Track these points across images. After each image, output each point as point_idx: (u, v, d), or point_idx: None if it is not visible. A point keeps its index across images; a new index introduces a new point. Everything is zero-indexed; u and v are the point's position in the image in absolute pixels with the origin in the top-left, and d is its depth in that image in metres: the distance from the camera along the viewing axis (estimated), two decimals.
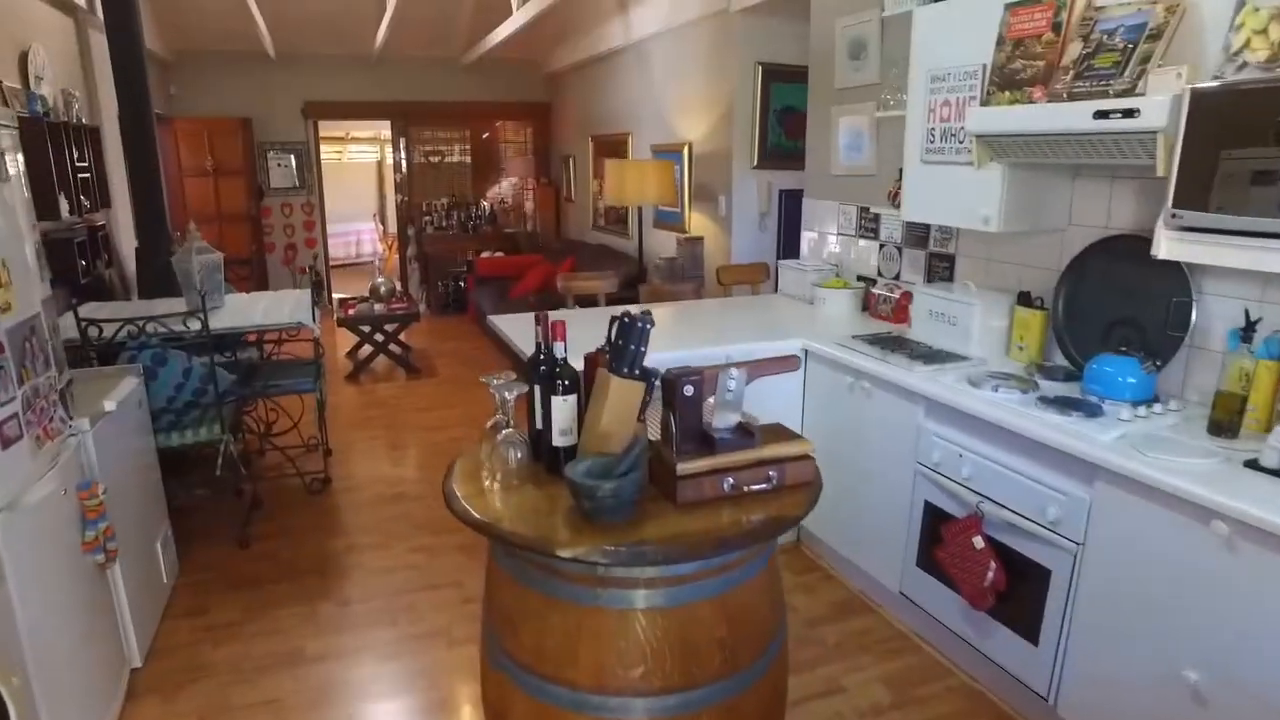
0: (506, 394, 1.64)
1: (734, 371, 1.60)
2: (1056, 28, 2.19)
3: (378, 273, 6.99)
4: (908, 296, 3.53)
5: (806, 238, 4.34)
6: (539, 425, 1.73)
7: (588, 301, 4.15)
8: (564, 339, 1.65)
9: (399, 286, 7.17)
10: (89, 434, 2.53)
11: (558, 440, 1.67)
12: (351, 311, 6.55)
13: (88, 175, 4.86)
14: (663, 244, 6.26)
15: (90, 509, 2.34)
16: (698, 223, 5.85)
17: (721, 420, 1.62)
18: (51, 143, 4.29)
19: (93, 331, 3.34)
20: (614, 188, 5.54)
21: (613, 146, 7.35)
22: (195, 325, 3.44)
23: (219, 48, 8.12)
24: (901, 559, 2.87)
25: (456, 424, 5.33)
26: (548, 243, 9.08)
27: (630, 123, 6.94)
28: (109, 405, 2.72)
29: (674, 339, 3.32)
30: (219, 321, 3.79)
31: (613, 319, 1.62)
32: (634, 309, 1.66)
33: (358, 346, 6.87)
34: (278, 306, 4.26)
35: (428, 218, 9.10)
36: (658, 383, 1.63)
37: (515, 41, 7.59)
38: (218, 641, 2.95)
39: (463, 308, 8.91)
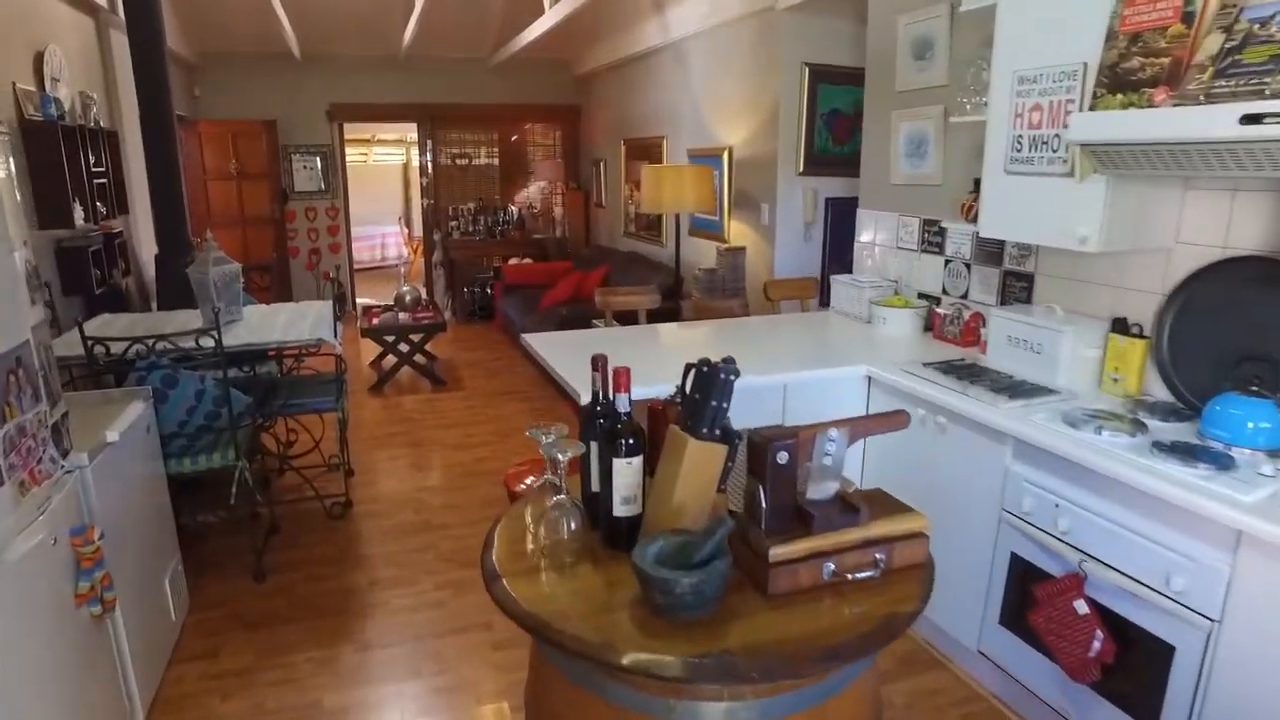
0: (559, 455, 1.37)
1: (834, 433, 1.32)
2: (1188, 18, 1.89)
3: (403, 279, 6.77)
4: (978, 318, 3.23)
5: (861, 251, 4.04)
6: (594, 488, 1.46)
7: (627, 317, 3.89)
8: (628, 390, 1.38)
9: (425, 295, 6.94)
10: (88, 469, 2.30)
11: (619, 509, 1.40)
12: (375, 321, 6.33)
13: (104, 181, 4.66)
14: (700, 253, 5.99)
15: (85, 557, 2.10)
16: (737, 232, 5.56)
17: (818, 490, 1.35)
18: (66, 147, 4.09)
19: (100, 350, 3.12)
20: (650, 194, 5.27)
21: (646, 151, 7.08)
22: (209, 343, 3.21)
23: (244, 49, 7.95)
24: (981, 614, 2.57)
25: (483, 443, 5.08)
26: (577, 249, 8.83)
27: (666, 126, 6.67)
28: (111, 436, 2.48)
29: None
30: (234, 338, 3.56)
31: (688, 367, 1.35)
32: (675, 325, 1.38)
33: (381, 356, 6.65)
34: (298, 320, 4.02)
35: (454, 222, 8.87)
36: (741, 445, 1.35)
37: (545, 42, 7.35)
38: (228, 692, 2.71)
39: (489, 315, 8.68)
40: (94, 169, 4.51)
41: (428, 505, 4.17)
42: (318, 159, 8.53)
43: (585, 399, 2.54)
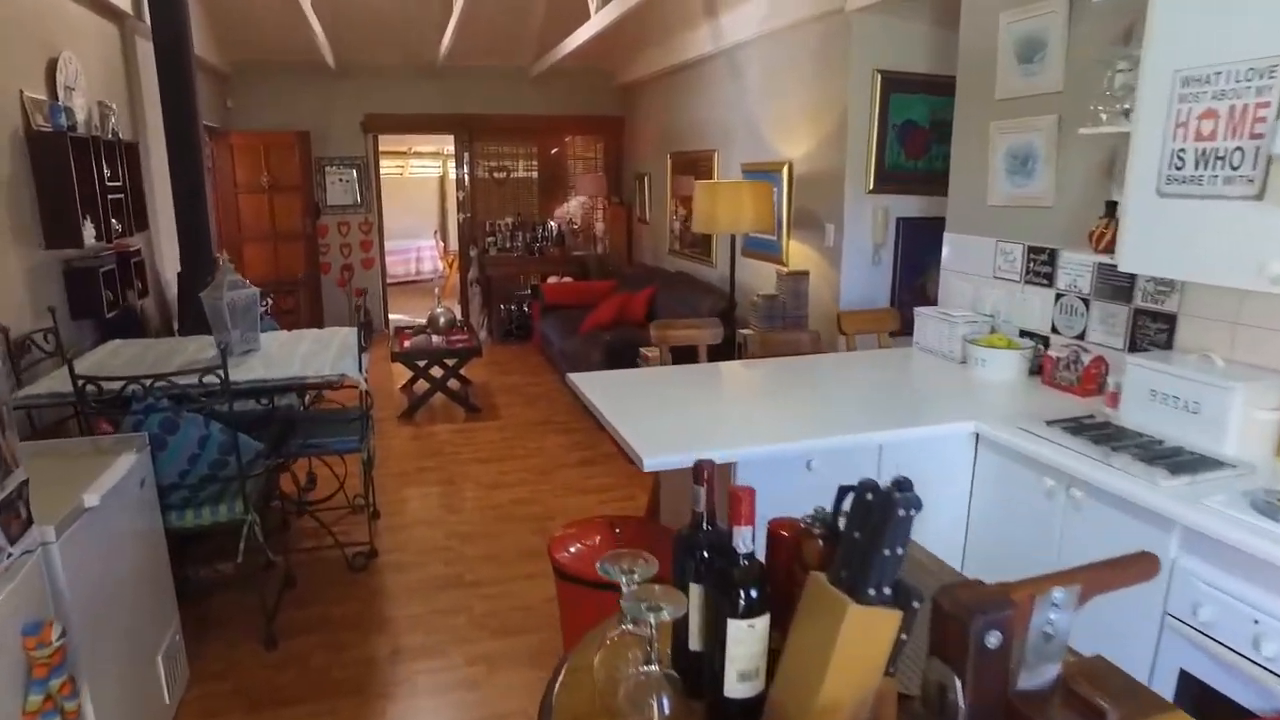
0: (650, 615, 0.94)
1: (1058, 594, 0.88)
2: None
3: (437, 299, 6.40)
4: (1101, 363, 2.75)
5: (949, 280, 3.58)
6: (695, 645, 1.03)
7: (683, 353, 3.46)
8: (752, 521, 0.94)
9: (459, 316, 6.58)
10: (54, 545, 1.92)
11: (734, 688, 0.97)
12: (407, 344, 5.96)
13: (121, 195, 4.34)
14: (756, 276, 5.55)
15: (38, 662, 1.71)
16: (797, 253, 5.12)
17: (1033, 676, 0.90)
18: (77, 159, 3.77)
19: (92, 389, 2.75)
20: (704, 213, 4.84)
21: (694, 165, 6.67)
22: (216, 379, 2.83)
23: (277, 59, 7.68)
24: None
25: (521, 481, 4.66)
26: (618, 267, 8.42)
27: (717, 139, 6.24)
28: (90, 500, 2.10)
29: (802, 419, 2.59)
30: (248, 372, 3.19)
31: (842, 491, 0.92)
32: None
33: (413, 381, 6.29)
34: (320, 350, 3.65)
35: (491, 238, 8.51)
36: (919, 607, 0.91)
37: (588, 50, 6.99)
38: None
39: (527, 335, 8.30)
40: (109, 183, 4.20)
41: (460, 556, 3.76)
42: (352, 171, 8.24)
43: (649, 464, 2.12)
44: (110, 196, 4.18)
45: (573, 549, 2.63)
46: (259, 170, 7.78)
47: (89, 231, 3.87)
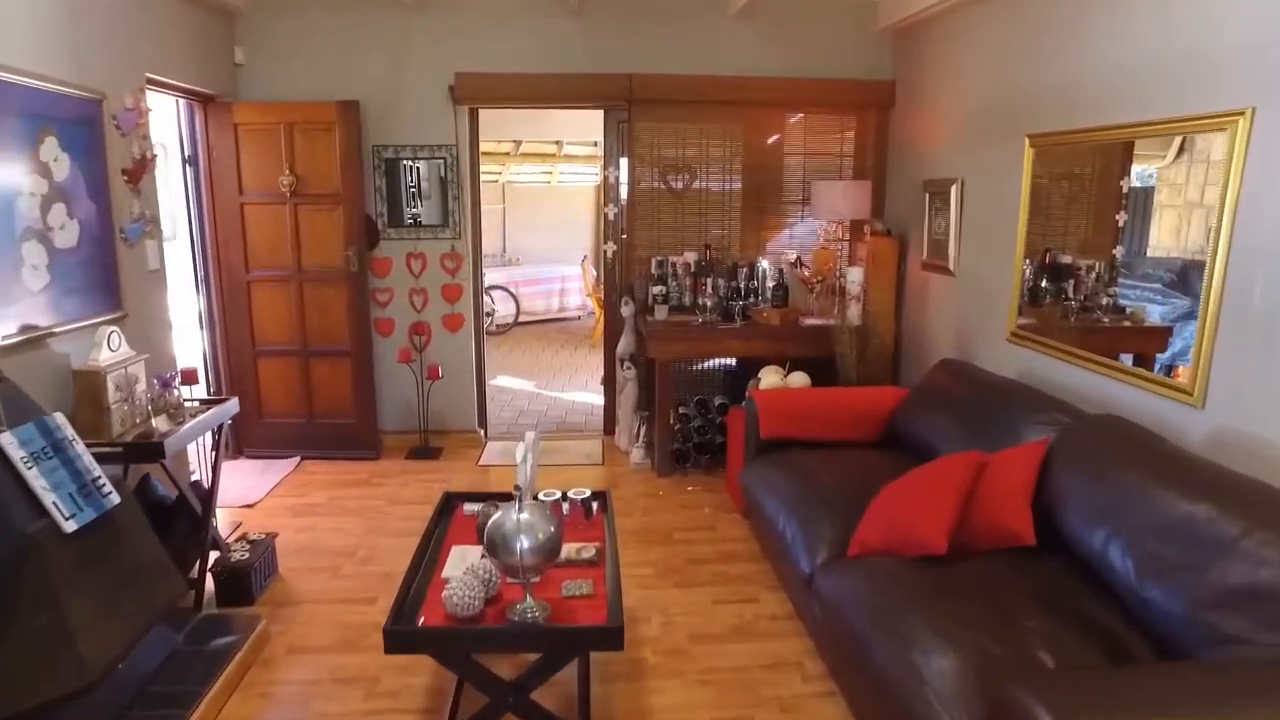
0: None
1: None
2: None
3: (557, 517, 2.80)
4: None
5: None
6: None
7: None
8: None
9: (569, 504, 3.02)
10: None
11: None
12: (447, 593, 2.43)
13: None
14: None
15: None
16: None
17: None
18: None
19: None
20: None
21: (1101, 155, 2.85)
22: None
23: None
24: None
25: None
26: (881, 349, 4.67)
27: (1257, 80, 2.41)
28: None
29: None
30: None
31: None
32: None
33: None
34: None
35: (659, 287, 4.96)
36: None
37: None
38: None
39: (714, 459, 4.73)
40: None
41: None
42: (432, 168, 4.94)
43: None
44: None
45: None
46: (278, 165, 4.62)
47: None
